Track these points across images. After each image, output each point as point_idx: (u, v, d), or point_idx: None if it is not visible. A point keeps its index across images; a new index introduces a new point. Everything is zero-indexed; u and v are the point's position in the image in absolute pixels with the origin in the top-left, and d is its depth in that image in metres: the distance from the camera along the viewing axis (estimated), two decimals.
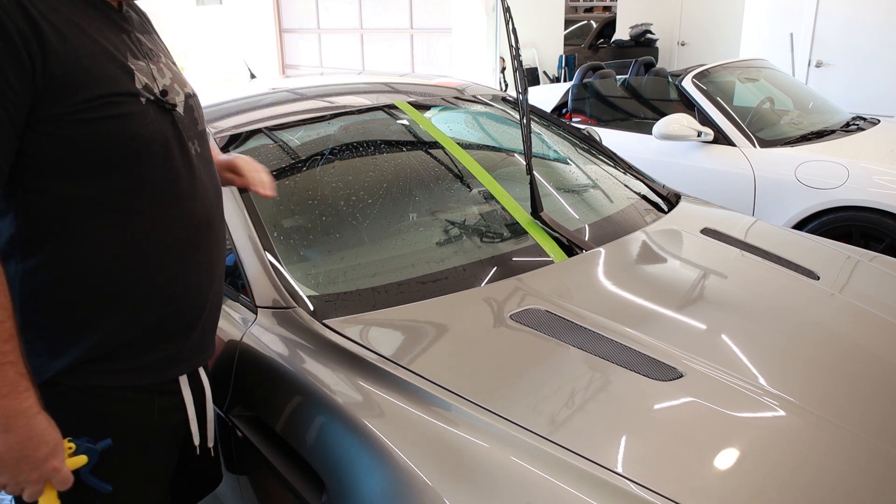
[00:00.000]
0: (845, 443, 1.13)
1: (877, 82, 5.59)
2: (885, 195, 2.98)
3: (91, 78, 0.96)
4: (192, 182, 1.11)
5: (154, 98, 1.05)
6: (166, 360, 1.13)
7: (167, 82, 1.10)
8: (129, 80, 1.01)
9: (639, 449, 1.11)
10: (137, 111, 1.01)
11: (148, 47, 1.11)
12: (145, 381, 1.11)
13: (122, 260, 1.04)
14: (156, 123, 1.04)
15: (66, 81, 0.94)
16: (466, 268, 1.67)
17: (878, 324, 1.53)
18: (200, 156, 1.16)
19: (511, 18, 1.91)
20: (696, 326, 1.46)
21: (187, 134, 1.12)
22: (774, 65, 4.34)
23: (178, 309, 1.12)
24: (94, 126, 0.97)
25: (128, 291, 1.05)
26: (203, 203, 1.14)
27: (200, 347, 1.21)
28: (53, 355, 1.03)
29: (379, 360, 1.31)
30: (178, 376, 1.17)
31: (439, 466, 1.07)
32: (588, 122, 4.28)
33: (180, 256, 1.11)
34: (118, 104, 0.99)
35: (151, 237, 1.06)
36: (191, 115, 1.15)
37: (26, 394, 0.91)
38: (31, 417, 0.92)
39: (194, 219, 1.12)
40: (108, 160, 0.99)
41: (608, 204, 2.11)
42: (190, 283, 1.13)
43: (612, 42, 9.56)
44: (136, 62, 1.04)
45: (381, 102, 2.20)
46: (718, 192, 3.39)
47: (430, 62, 8.95)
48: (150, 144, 1.04)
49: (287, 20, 10.83)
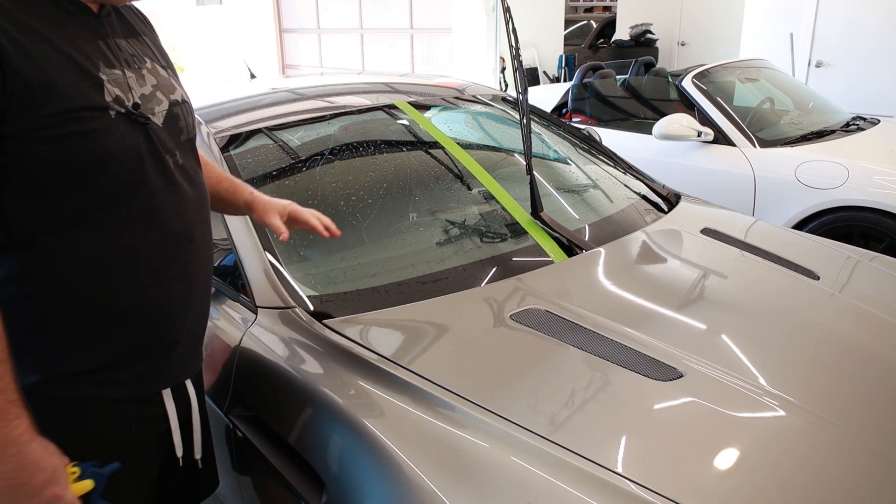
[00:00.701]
0: (845, 443, 1.13)
1: (877, 82, 5.59)
2: (885, 195, 2.98)
3: (55, 92, 0.92)
4: (170, 196, 1.07)
5: (125, 111, 1.00)
6: (146, 376, 1.10)
7: (147, 91, 1.06)
8: (97, 93, 0.97)
9: (639, 449, 1.11)
10: (105, 126, 0.97)
11: (129, 53, 1.06)
12: (124, 394, 1.08)
13: (95, 277, 1.01)
14: (127, 138, 1.00)
15: (29, 97, 0.90)
16: (466, 268, 1.67)
17: (878, 324, 1.53)
18: (182, 168, 1.11)
19: (511, 18, 1.91)
20: (696, 326, 1.46)
21: (165, 146, 1.07)
22: (774, 65, 4.34)
23: (155, 326, 1.08)
24: (59, 142, 0.93)
25: (101, 308, 1.02)
26: (182, 217, 1.10)
27: (183, 362, 1.17)
28: (26, 370, 0.99)
29: (379, 360, 1.31)
30: (160, 390, 1.14)
31: (439, 466, 1.07)
32: (588, 122, 4.28)
33: (158, 271, 1.07)
34: (84, 119, 0.95)
35: (125, 253, 1.02)
36: (174, 124, 1.11)
37: (17, 421, 0.88)
38: (22, 445, 0.89)
39: (173, 233, 1.08)
40: (76, 176, 0.96)
41: (608, 204, 2.11)
42: (168, 300, 1.09)
43: (612, 42, 9.56)
44: (110, 71, 1.00)
45: (381, 102, 2.20)
46: (718, 192, 3.39)
47: (430, 62, 8.95)
48: (120, 160, 0.99)
49: (287, 20, 10.83)
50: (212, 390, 1.48)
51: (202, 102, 2.10)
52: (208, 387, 1.50)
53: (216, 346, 1.53)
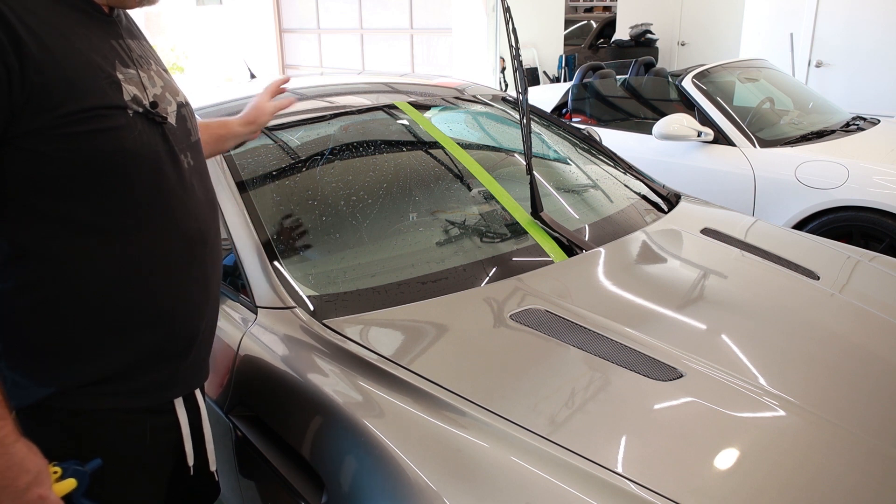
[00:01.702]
0: (845, 443, 1.13)
1: (877, 82, 5.59)
2: (885, 195, 2.98)
3: (74, 90, 0.91)
4: (184, 197, 1.06)
5: (143, 110, 0.99)
6: (162, 383, 1.09)
7: (158, 91, 1.05)
8: (116, 92, 0.96)
9: (639, 449, 1.11)
10: (125, 125, 0.96)
11: (138, 54, 1.05)
12: (139, 405, 1.06)
13: (112, 280, 0.99)
14: (145, 137, 0.99)
15: (47, 93, 0.88)
16: (466, 268, 1.67)
17: (878, 324, 1.53)
18: (194, 168, 1.11)
19: (511, 18, 1.91)
20: (696, 326, 1.46)
21: (179, 146, 1.07)
22: (774, 65, 4.34)
23: (173, 329, 1.07)
24: (78, 141, 0.91)
25: (119, 313, 1.00)
26: (197, 218, 1.09)
27: (197, 368, 1.16)
28: (39, 382, 0.98)
29: (379, 360, 1.31)
30: (173, 399, 1.12)
31: (439, 466, 1.07)
32: (588, 122, 4.28)
33: (174, 275, 1.05)
34: (104, 118, 0.94)
35: (143, 256, 1.01)
36: (183, 125, 1.10)
37: (2, 423, 0.87)
38: (7, 446, 0.87)
39: (188, 235, 1.07)
40: (93, 177, 0.94)
41: (608, 204, 2.11)
42: (185, 303, 1.08)
43: (612, 42, 9.56)
44: (126, 71, 0.99)
45: (381, 102, 2.20)
46: (718, 192, 3.39)
47: (430, 62, 8.95)
48: (139, 160, 0.98)
49: (287, 20, 10.83)
50: (212, 390, 1.48)
51: (202, 102, 2.10)
52: (208, 387, 1.50)
53: (216, 346, 1.53)
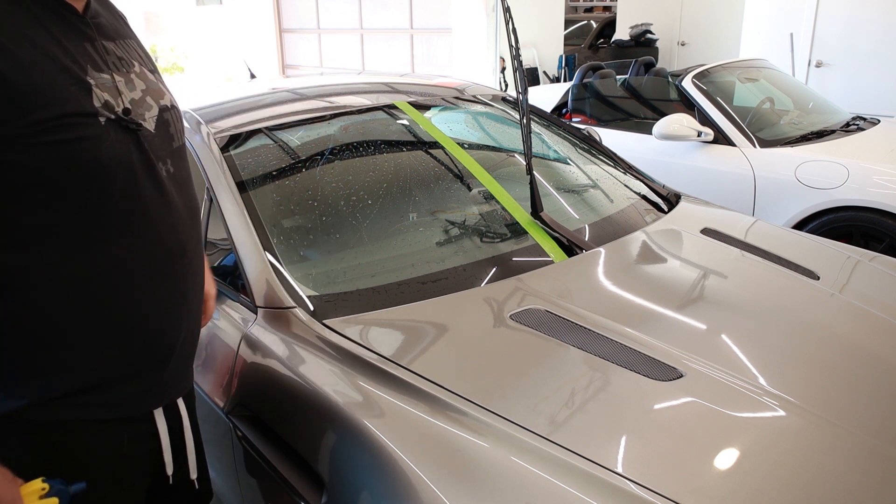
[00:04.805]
0: (845, 443, 1.13)
1: (877, 82, 5.59)
2: (885, 195, 2.98)
3: (41, 97, 0.87)
4: (161, 207, 1.02)
5: (115, 117, 0.95)
6: (137, 396, 1.06)
7: (136, 96, 1.01)
8: (85, 98, 0.92)
9: (639, 449, 1.11)
10: (94, 134, 0.92)
11: (117, 56, 1.01)
12: (115, 415, 1.04)
13: (85, 293, 0.96)
14: (118, 146, 0.95)
15: (14, 103, 0.85)
16: (466, 268, 1.67)
17: (878, 324, 1.53)
18: (173, 176, 1.06)
19: (511, 18, 1.91)
20: (696, 326, 1.46)
21: (156, 154, 1.02)
22: (774, 65, 4.34)
23: (148, 344, 1.04)
24: (46, 151, 0.88)
25: (92, 327, 0.97)
26: (174, 229, 1.05)
27: (175, 380, 1.13)
28: (9, 394, 0.95)
29: (379, 360, 1.31)
30: (152, 409, 1.10)
31: (439, 466, 1.07)
32: (588, 122, 4.28)
33: (149, 288, 1.02)
34: (74, 127, 0.90)
35: (116, 268, 0.97)
36: (164, 130, 1.06)
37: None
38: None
39: (165, 246, 1.03)
40: (63, 187, 0.91)
41: (608, 204, 2.11)
42: (161, 316, 1.05)
43: (612, 42, 9.56)
44: (98, 75, 0.95)
45: (381, 102, 2.20)
46: (718, 192, 3.39)
47: (430, 62, 8.95)
48: (111, 170, 0.94)
49: (287, 20, 10.83)
50: (212, 390, 1.48)
51: (202, 102, 2.10)
52: (208, 387, 1.50)
53: (216, 346, 1.53)
